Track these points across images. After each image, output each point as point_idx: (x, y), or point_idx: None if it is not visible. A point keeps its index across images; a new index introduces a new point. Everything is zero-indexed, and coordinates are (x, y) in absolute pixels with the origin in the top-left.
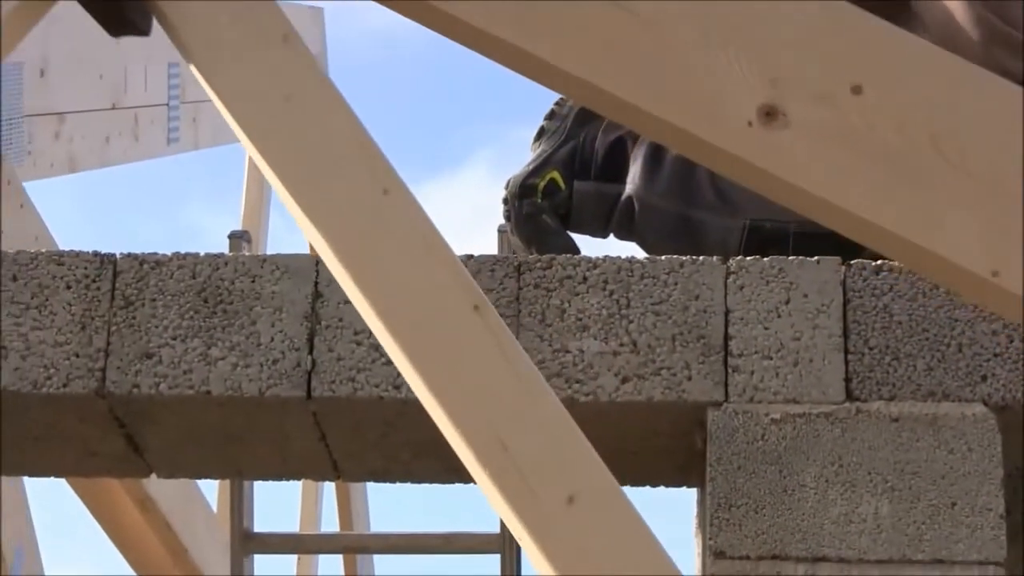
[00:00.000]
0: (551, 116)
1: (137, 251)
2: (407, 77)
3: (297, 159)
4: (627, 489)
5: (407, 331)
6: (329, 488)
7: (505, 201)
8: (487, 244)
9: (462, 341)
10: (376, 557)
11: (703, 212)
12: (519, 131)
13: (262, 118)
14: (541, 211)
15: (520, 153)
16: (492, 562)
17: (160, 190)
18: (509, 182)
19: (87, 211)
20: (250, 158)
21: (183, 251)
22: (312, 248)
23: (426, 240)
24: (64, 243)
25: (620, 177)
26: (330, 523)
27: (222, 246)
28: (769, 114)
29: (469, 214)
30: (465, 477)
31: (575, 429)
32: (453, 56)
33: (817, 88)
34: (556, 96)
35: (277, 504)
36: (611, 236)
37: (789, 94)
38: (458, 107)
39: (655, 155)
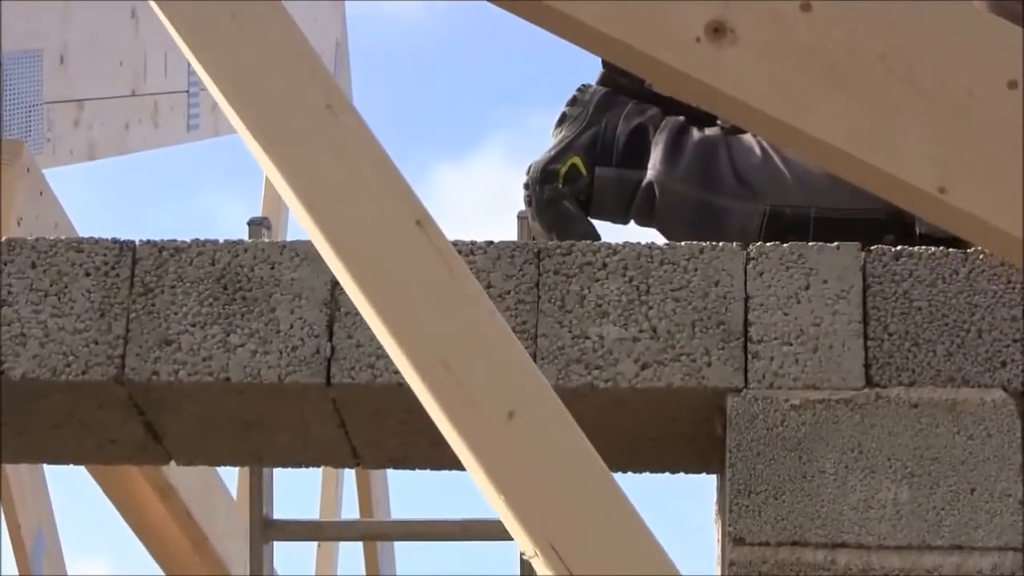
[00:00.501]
0: (573, 102)
1: (154, 237)
2: (422, 62)
3: (244, 76)
4: (646, 476)
5: (350, 246)
6: (349, 475)
7: (526, 186)
8: (503, 227)
9: (404, 256)
10: (396, 544)
11: (723, 198)
12: (535, 116)
13: (209, 34)
14: (562, 197)
15: (535, 138)
16: (511, 549)
17: (175, 176)
18: (530, 167)
19: (106, 198)
20: None
21: (201, 238)
22: None
23: (370, 155)
24: (83, 230)
25: (641, 163)
26: (350, 510)
27: (237, 232)
28: (717, 30)
29: (484, 198)
30: None
31: (517, 345)
32: (467, 41)
33: (766, 4)
34: (578, 83)
35: (297, 491)
36: (631, 222)
37: (737, 10)
38: (473, 92)
39: (676, 141)
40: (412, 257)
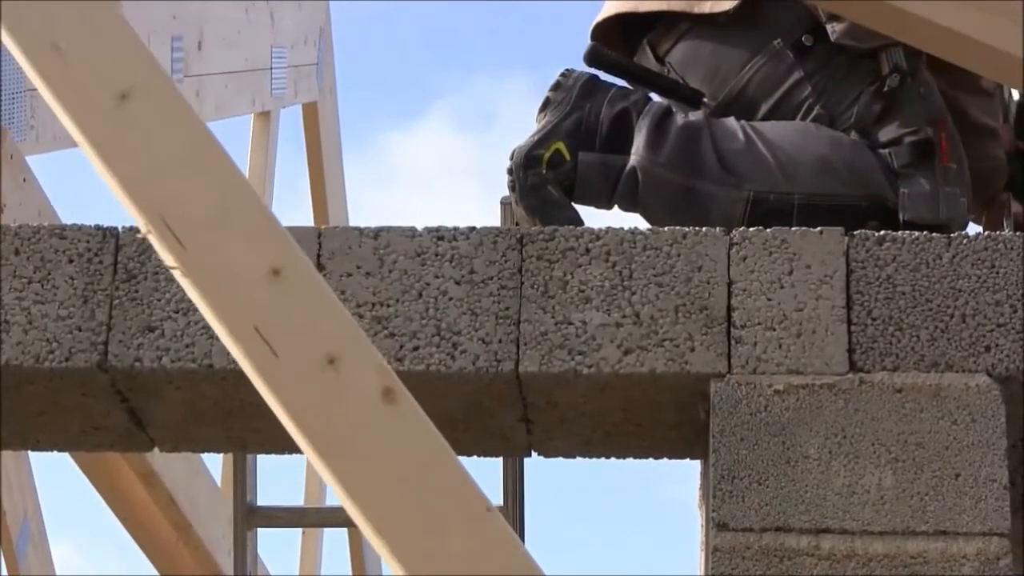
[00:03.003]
0: (556, 87)
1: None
2: (364, 29)
3: None
4: (632, 461)
5: None
6: None
7: (509, 171)
8: (453, 193)
9: None
10: None
11: (707, 183)
12: (479, 81)
13: None
14: (545, 182)
15: (480, 103)
16: None
17: None
18: (514, 152)
19: (89, 185)
20: (253, 131)
21: None
22: (315, 221)
23: None
24: (67, 217)
25: (625, 148)
26: (335, 496)
27: None
28: None
29: (433, 163)
30: (469, 450)
31: (127, 27)
32: (405, 7)
33: None
34: (521, 46)
35: (281, 478)
36: (615, 207)
37: None
38: (415, 58)
39: (659, 126)
40: None
